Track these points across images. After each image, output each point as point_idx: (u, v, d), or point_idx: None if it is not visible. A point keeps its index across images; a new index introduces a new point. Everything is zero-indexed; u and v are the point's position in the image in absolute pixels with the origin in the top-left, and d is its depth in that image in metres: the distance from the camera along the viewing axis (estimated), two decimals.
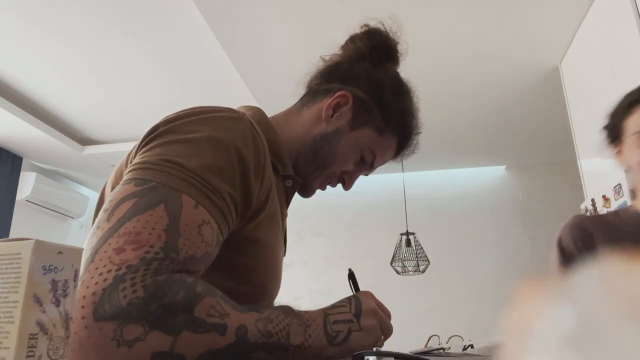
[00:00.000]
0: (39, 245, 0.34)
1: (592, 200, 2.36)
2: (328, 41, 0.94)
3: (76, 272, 0.37)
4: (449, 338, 3.29)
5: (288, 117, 0.84)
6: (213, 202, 0.57)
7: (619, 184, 2.05)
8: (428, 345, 2.96)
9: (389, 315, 0.69)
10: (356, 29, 0.89)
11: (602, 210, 2.25)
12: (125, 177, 0.58)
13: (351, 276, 0.76)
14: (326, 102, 0.81)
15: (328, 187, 0.87)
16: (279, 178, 0.77)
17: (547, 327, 0.15)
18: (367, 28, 0.88)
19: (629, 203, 1.99)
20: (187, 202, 0.55)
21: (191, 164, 0.57)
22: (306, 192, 0.86)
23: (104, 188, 0.72)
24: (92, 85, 3.20)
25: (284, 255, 0.82)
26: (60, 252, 0.36)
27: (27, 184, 4.02)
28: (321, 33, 2.59)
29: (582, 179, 2.69)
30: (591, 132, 2.60)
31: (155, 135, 0.61)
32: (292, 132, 0.81)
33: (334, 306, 0.65)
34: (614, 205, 2.11)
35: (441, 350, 1.01)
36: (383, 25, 0.88)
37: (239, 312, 0.55)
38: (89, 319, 0.46)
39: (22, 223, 4.06)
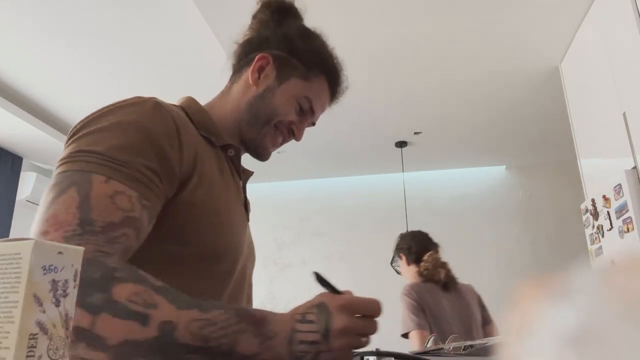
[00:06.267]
0: (39, 245, 0.34)
1: (592, 200, 2.36)
2: (328, 42, 0.95)
3: (76, 272, 0.37)
4: (449, 338, 3.29)
5: (221, 97, 0.90)
6: (126, 174, 0.62)
7: (619, 184, 2.05)
8: (428, 345, 2.95)
9: (375, 309, 0.62)
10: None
11: (602, 210, 2.25)
12: None
13: (319, 280, 0.67)
14: (250, 70, 0.86)
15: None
16: (218, 150, 0.82)
17: (547, 327, 0.15)
18: (262, 0, 0.94)
19: (629, 203, 1.99)
20: (98, 180, 0.60)
21: (101, 148, 0.63)
22: (261, 154, 0.88)
23: None
24: (92, 85, 3.20)
25: (247, 221, 0.87)
26: (60, 252, 0.36)
27: (27, 184, 4.01)
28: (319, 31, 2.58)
29: (582, 179, 2.69)
30: (591, 132, 2.60)
31: (72, 134, 0.68)
32: (227, 107, 0.87)
33: (303, 318, 0.59)
34: (614, 206, 2.11)
35: (441, 350, 1.01)
36: None
37: (174, 306, 0.54)
38: None
39: (22, 223, 4.05)
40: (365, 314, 0.61)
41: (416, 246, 2.36)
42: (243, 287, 0.82)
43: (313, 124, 0.91)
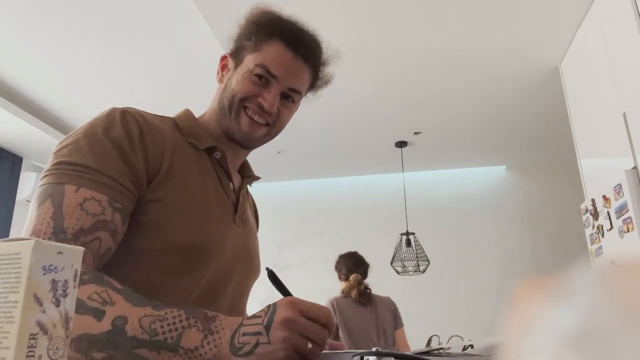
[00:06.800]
0: (39, 245, 0.34)
1: (592, 200, 2.36)
2: (329, 43, 0.95)
3: (76, 272, 0.37)
4: (449, 338, 3.29)
5: (209, 108, 0.95)
6: (94, 181, 0.69)
7: (619, 184, 2.05)
8: (428, 346, 2.96)
9: (325, 316, 0.60)
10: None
11: (602, 210, 2.25)
12: None
13: (272, 276, 0.67)
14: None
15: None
16: (203, 153, 0.87)
17: (547, 327, 0.15)
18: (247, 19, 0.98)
19: (629, 203, 1.99)
20: (69, 190, 0.68)
21: (72, 159, 0.70)
22: (242, 138, 0.88)
23: None
24: (92, 85, 3.20)
25: (233, 222, 0.86)
26: (60, 252, 0.36)
27: (27, 184, 4.01)
28: (322, 34, 2.59)
29: (582, 179, 2.69)
30: (591, 132, 2.60)
31: (55, 149, 0.75)
32: (209, 113, 0.93)
33: (253, 316, 0.60)
34: (614, 206, 2.11)
35: (441, 350, 1.01)
36: None
37: (129, 304, 0.59)
38: None
39: (22, 223, 4.04)
40: (314, 317, 0.59)
41: (345, 268, 2.85)
42: (225, 288, 0.83)
43: (293, 90, 0.87)
